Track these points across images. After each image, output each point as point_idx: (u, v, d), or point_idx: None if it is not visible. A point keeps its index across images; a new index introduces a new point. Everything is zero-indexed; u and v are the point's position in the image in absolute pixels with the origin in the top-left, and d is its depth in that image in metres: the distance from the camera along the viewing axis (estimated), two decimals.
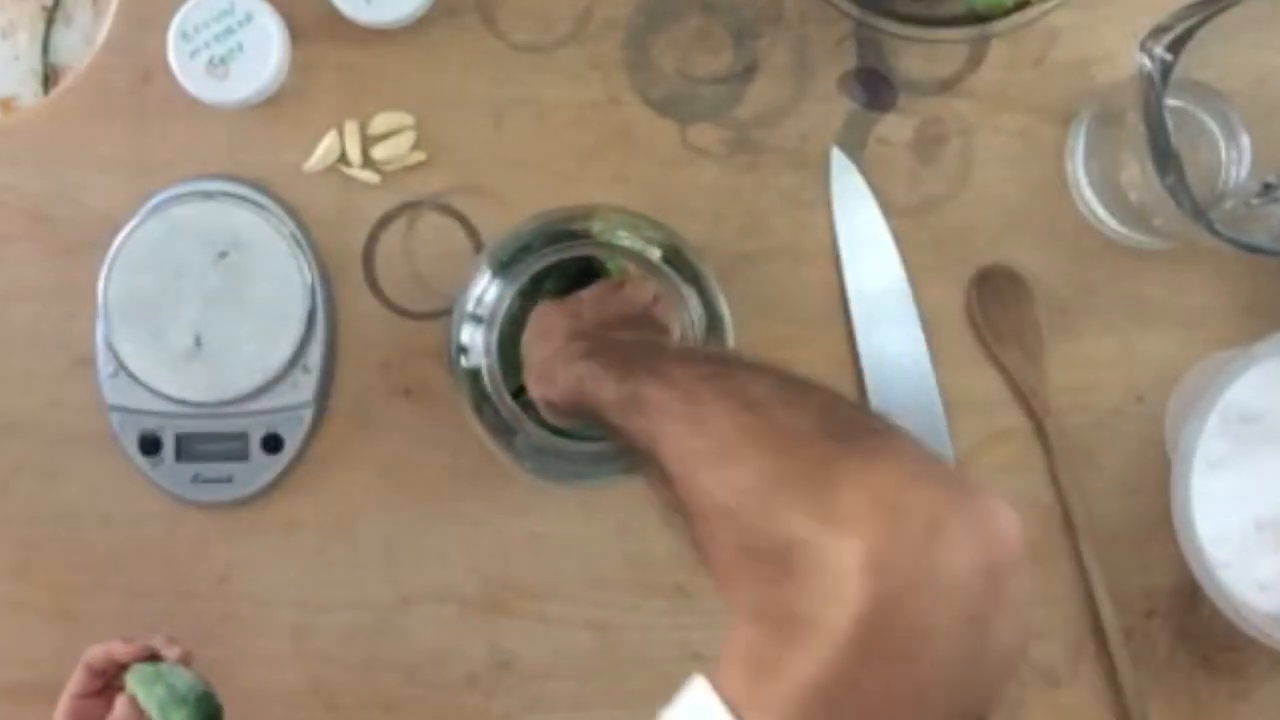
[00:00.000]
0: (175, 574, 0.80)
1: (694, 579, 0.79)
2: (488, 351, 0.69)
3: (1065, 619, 0.79)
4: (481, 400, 0.71)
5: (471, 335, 0.70)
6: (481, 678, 0.80)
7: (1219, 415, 0.73)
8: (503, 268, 0.71)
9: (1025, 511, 0.80)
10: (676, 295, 0.69)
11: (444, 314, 0.73)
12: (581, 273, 0.75)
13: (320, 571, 0.79)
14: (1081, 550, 0.79)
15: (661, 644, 0.79)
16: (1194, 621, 0.79)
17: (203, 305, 0.77)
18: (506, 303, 0.69)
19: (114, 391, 0.78)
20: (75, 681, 0.70)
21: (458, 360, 0.71)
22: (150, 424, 0.78)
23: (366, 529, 0.80)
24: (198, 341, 0.77)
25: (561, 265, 0.72)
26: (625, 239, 0.71)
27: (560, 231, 0.72)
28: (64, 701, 0.70)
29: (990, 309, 0.80)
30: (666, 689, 0.80)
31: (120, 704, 0.68)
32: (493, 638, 0.80)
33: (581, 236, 0.72)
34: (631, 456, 0.61)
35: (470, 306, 0.71)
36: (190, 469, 0.78)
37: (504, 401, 0.69)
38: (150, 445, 0.78)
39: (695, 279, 0.72)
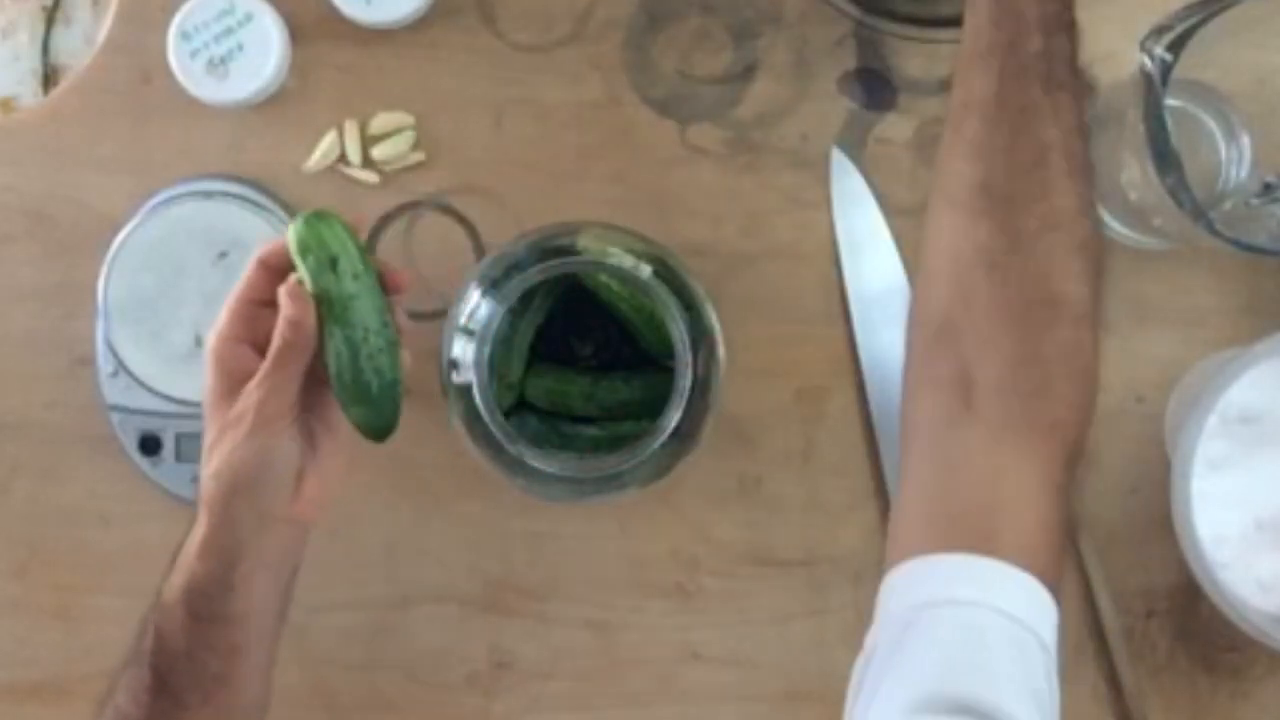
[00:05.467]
0: None
1: (694, 578, 0.80)
2: (478, 369, 0.69)
3: (1065, 619, 0.79)
4: (473, 418, 0.71)
5: (463, 349, 0.70)
6: (481, 678, 0.80)
7: (1219, 415, 0.72)
8: (493, 285, 0.71)
9: None
10: (667, 311, 0.69)
11: (443, 314, 0.73)
12: (570, 289, 0.75)
13: (320, 571, 0.79)
14: (1081, 550, 0.79)
15: (661, 644, 0.79)
16: (1194, 621, 0.79)
17: (203, 305, 0.77)
18: (496, 321, 0.69)
19: (114, 391, 0.78)
20: (247, 283, 0.63)
21: (449, 376, 0.71)
22: (150, 424, 0.78)
23: (366, 529, 0.80)
24: (198, 341, 0.77)
25: (550, 282, 0.72)
26: (615, 255, 0.71)
27: (549, 248, 0.72)
28: (232, 307, 0.63)
29: None
30: (666, 689, 0.80)
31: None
32: (493, 638, 0.80)
33: (570, 253, 0.72)
34: (623, 477, 0.66)
35: (462, 320, 0.71)
36: (190, 469, 0.78)
37: (495, 419, 0.69)
38: (150, 445, 0.78)
39: (684, 293, 0.72)
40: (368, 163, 0.80)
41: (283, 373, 0.61)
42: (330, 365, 0.63)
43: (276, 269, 0.63)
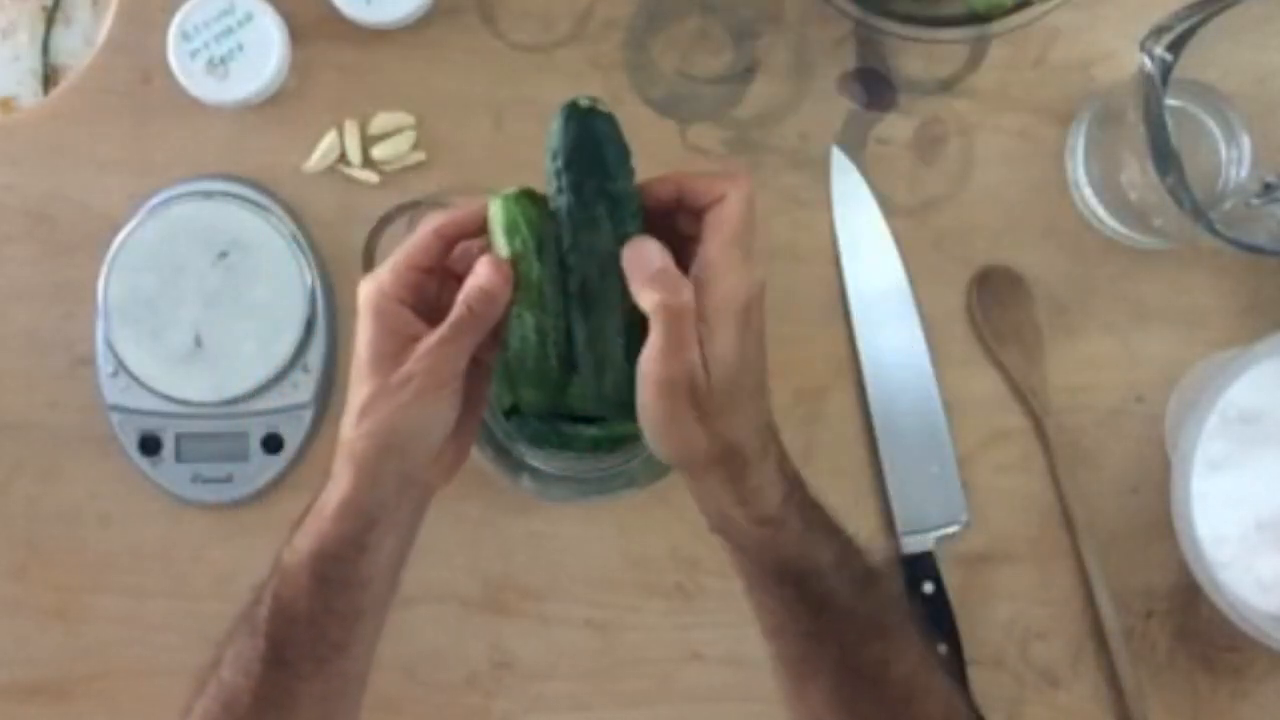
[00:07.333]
0: (175, 574, 0.80)
1: (694, 578, 0.80)
2: None
3: (1065, 619, 0.79)
4: None
5: None
6: (481, 678, 0.79)
7: (1219, 415, 0.73)
8: None
9: (1025, 511, 0.81)
10: None
11: None
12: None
13: None
14: (1081, 550, 0.79)
15: (661, 644, 0.79)
16: (1194, 621, 0.79)
17: (203, 305, 0.77)
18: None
19: (114, 391, 0.78)
20: (418, 249, 0.60)
21: None
22: (150, 424, 0.78)
23: None
24: (198, 341, 0.77)
25: None
26: None
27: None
28: (398, 269, 0.59)
29: (990, 309, 0.80)
30: (666, 689, 0.80)
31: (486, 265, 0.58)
32: (493, 638, 0.80)
33: None
34: (623, 477, 0.67)
35: None
36: (190, 469, 0.78)
37: (496, 419, 0.69)
38: (150, 445, 0.78)
39: None
40: (368, 163, 0.80)
41: (461, 342, 0.58)
42: (513, 347, 0.60)
43: (450, 239, 0.61)
